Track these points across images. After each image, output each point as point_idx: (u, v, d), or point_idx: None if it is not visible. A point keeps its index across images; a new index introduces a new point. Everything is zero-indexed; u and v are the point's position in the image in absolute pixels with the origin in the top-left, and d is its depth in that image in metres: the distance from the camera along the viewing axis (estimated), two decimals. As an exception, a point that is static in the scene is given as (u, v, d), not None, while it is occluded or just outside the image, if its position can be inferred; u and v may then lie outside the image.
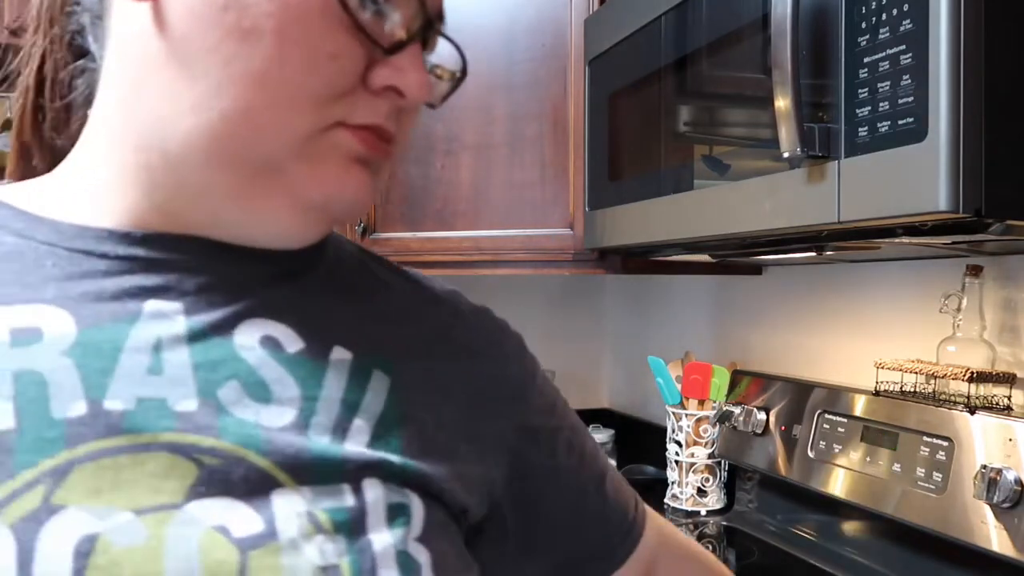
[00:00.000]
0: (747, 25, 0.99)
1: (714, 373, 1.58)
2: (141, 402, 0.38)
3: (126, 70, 0.42)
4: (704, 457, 1.60)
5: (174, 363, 0.40)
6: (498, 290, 2.17)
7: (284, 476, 0.40)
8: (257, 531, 0.38)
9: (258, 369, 0.42)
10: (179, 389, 0.40)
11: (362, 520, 0.41)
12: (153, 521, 0.36)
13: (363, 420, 0.44)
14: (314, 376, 0.43)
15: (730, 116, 1.09)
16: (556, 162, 1.56)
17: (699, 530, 1.52)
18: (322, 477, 0.41)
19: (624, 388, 2.17)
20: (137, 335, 0.40)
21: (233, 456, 0.39)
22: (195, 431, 0.39)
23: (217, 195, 0.42)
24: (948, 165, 0.72)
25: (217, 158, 0.40)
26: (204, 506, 0.38)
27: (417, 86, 0.42)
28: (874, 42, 0.79)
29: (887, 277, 1.33)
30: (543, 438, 0.55)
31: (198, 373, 0.40)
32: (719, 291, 1.79)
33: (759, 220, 0.96)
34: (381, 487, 0.42)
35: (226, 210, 0.43)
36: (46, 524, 0.35)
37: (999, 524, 0.97)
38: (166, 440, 0.38)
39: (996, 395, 1.06)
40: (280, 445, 0.40)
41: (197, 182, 0.42)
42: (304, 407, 0.42)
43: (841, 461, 1.24)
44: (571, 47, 1.53)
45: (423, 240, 1.63)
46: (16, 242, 0.42)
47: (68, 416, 0.37)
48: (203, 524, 0.37)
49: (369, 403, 0.44)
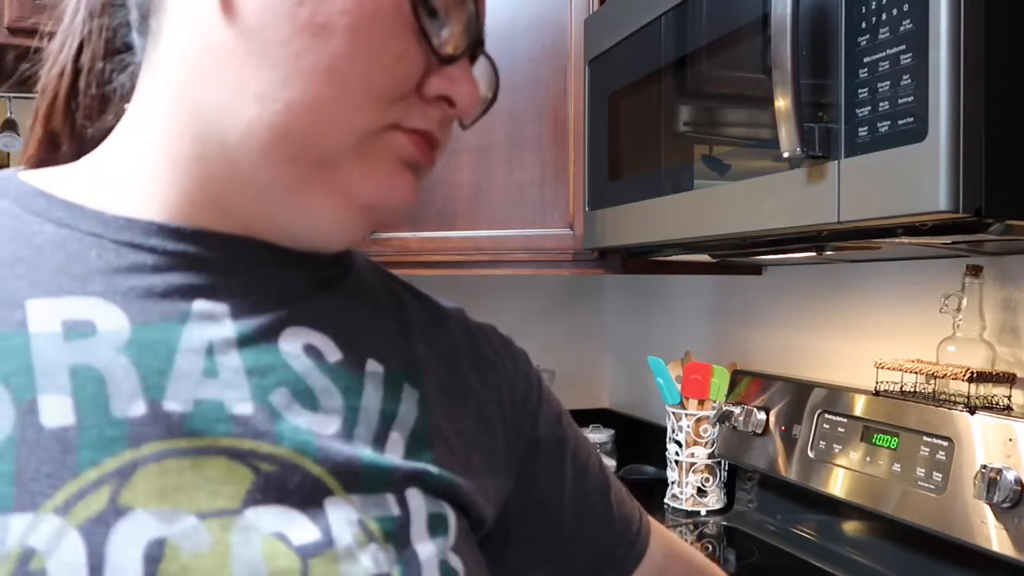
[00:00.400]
0: (747, 25, 0.99)
1: (714, 373, 1.58)
2: (199, 404, 0.38)
3: (184, 60, 0.42)
4: (704, 457, 1.60)
5: (227, 367, 0.40)
6: (498, 290, 2.17)
7: (335, 484, 0.40)
8: (314, 539, 0.38)
9: (305, 377, 0.42)
10: (234, 393, 0.39)
11: (407, 529, 0.42)
12: (217, 526, 0.36)
13: (398, 433, 0.44)
14: (353, 387, 0.44)
15: (730, 116, 1.09)
16: (556, 162, 1.56)
17: (699, 530, 1.52)
18: (370, 486, 0.41)
19: (624, 388, 2.17)
20: (189, 336, 0.40)
21: (290, 463, 0.39)
22: (253, 436, 0.39)
23: (269, 189, 0.42)
24: (948, 165, 0.72)
25: (275, 150, 0.40)
26: (261, 512, 0.38)
27: (468, 97, 0.44)
28: (874, 42, 0.79)
29: (887, 277, 1.33)
30: (551, 449, 0.56)
31: (251, 378, 0.40)
32: (719, 291, 1.79)
33: (759, 220, 0.96)
34: (422, 497, 0.43)
35: (276, 206, 0.43)
36: (115, 526, 0.34)
37: (999, 524, 0.97)
38: (225, 444, 0.38)
39: (996, 395, 1.06)
40: (332, 453, 0.40)
41: (251, 174, 0.41)
42: (347, 417, 0.42)
43: (841, 461, 1.24)
44: (571, 47, 1.53)
45: (423, 240, 1.62)
46: (57, 231, 0.41)
47: (128, 415, 0.37)
48: (263, 531, 0.37)
49: (403, 416, 0.45)
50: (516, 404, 0.54)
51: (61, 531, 0.34)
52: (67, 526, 0.34)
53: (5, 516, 0.33)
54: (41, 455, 0.35)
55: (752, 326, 1.67)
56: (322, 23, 0.39)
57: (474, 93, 0.44)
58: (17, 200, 0.42)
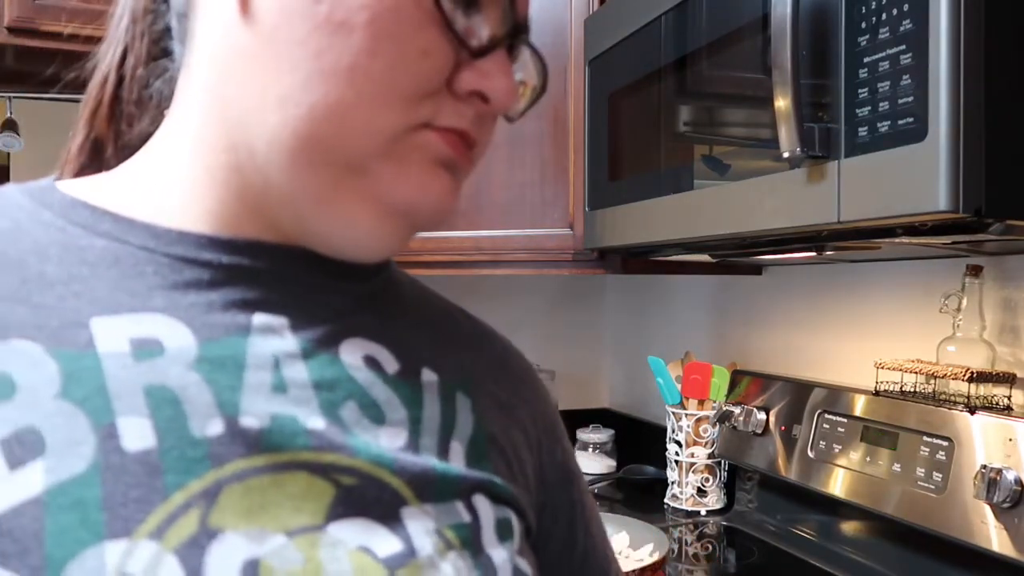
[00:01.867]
0: (747, 25, 0.99)
1: (714, 373, 1.58)
2: (275, 419, 0.38)
3: (213, 65, 0.41)
4: (704, 457, 1.60)
5: (295, 381, 0.39)
6: (498, 290, 2.17)
7: (410, 494, 0.40)
8: (398, 550, 0.38)
9: (369, 390, 0.42)
10: (305, 407, 0.39)
11: (479, 536, 0.41)
12: (305, 543, 0.36)
13: (458, 442, 0.44)
14: (414, 398, 0.43)
15: (730, 116, 1.09)
16: (556, 162, 1.56)
17: (699, 530, 1.52)
18: (441, 495, 0.41)
19: (624, 388, 2.17)
20: (255, 351, 0.39)
21: (369, 476, 0.39)
22: (331, 449, 0.38)
23: (302, 199, 0.40)
24: (948, 165, 0.72)
25: (301, 157, 0.39)
26: (344, 526, 0.37)
27: (504, 92, 0.41)
28: (874, 42, 0.79)
29: (887, 277, 1.33)
30: (569, 477, 0.55)
31: (319, 392, 0.40)
32: (719, 291, 1.79)
33: (759, 220, 0.96)
34: (488, 503, 0.43)
35: (311, 216, 0.41)
36: (208, 549, 0.34)
37: (999, 524, 0.97)
38: (305, 459, 0.38)
39: (996, 395, 1.06)
40: (406, 464, 0.40)
41: (283, 184, 0.40)
42: (412, 428, 0.42)
43: (841, 461, 1.24)
44: (571, 47, 1.53)
45: (423, 240, 1.62)
46: (108, 246, 0.40)
47: (208, 435, 0.36)
48: (348, 545, 0.37)
49: (462, 425, 0.45)
50: (548, 426, 0.53)
51: (158, 556, 0.33)
52: (163, 551, 0.33)
53: (99, 543, 0.33)
54: (128, 480, 0.34)
55: (752, 326, 1.67)
56: (341, 20, 0.37)
57: (510, 87, 0.41)
58: (62, 213, 0.41)
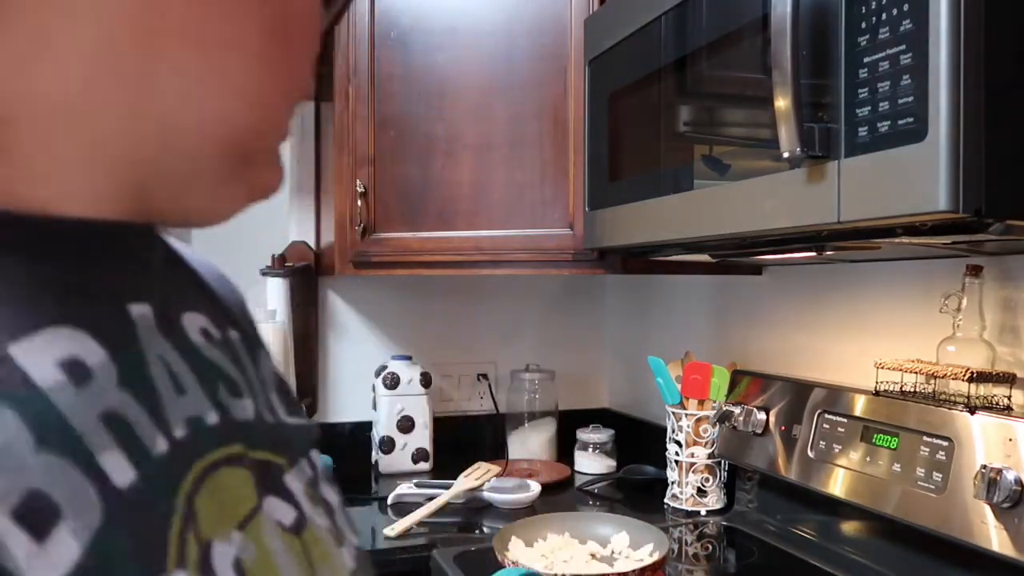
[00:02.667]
0: (747, 25, 0.99)
1: (714, 373, 1.58)
2: (193, 423, 0.36)
3: None
4: (704, 457, 1.60)
5: (182, 377, 0.37)
6: (498, 290, 2.17)
7: (283, 461, 0.41)
8: (295, 516, 0.39)
9: (221, 365, 0.39)
10: (202, 402, 0.37)
11: (318, 486, 0.43)
12: (253, 532, 0.37)
13: (275, 395, 0.45)
14: (239, 358, 0.42)
15: (730, 116, 1.09)
16: (556, 162, 1.56)
17: (699, 530, 1.52)
18: (297, 453, 0.42)
19: (624, 388, 2.17)
20: (149, 353, 0.36)
21: (255, 458, 0.39)
22: (228, 442, 0.38)
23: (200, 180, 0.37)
24: (948, 165, 0.72)
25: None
26: (270, 505, 0.38)
27: None
28: (874, 42, 0.79)
29: (887, 277, 1.33)
30: None
31: (202, 384, 0.38)
32: (719, 291, 1.79)
33: (759, 220, 0.96)
34: (316, 452, 0.45)
35: (198, 194, 0.37)
36: (213, 562, 0.34)
37: (999, 524, 0.97)
38: (217, 458, 0.37)
39: (996, 395, 1.06)
40: (266, 433, 0.41)
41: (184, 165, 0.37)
42: (251, 393, 0.42)
43: (841, 461, 1.24)
44: (571, 47, 1.53)
45: (423, 240, 1.63)
46: None
47: (161, 452, 0.36)
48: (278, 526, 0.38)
49: (268, 376, 0.45)
50: None
51: None
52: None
53: None
54: (138, 519, 0.32)
55: (752, 326, 1.67)
56: None
57: None
58: None
